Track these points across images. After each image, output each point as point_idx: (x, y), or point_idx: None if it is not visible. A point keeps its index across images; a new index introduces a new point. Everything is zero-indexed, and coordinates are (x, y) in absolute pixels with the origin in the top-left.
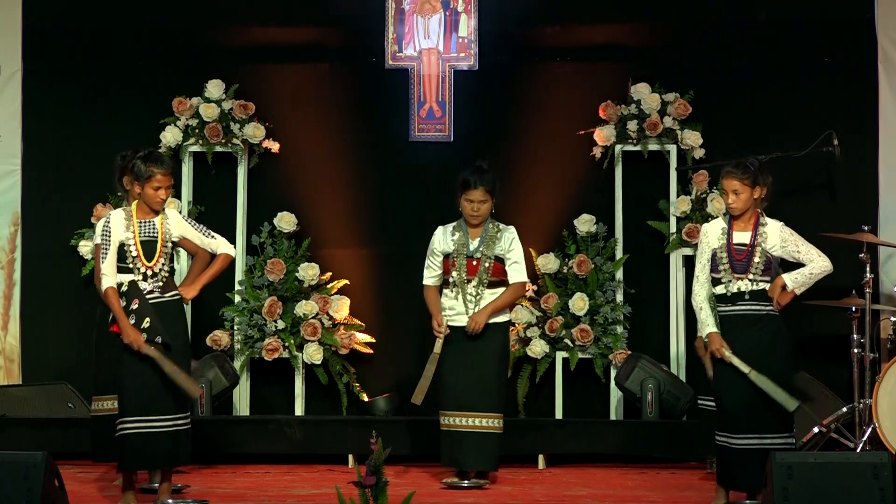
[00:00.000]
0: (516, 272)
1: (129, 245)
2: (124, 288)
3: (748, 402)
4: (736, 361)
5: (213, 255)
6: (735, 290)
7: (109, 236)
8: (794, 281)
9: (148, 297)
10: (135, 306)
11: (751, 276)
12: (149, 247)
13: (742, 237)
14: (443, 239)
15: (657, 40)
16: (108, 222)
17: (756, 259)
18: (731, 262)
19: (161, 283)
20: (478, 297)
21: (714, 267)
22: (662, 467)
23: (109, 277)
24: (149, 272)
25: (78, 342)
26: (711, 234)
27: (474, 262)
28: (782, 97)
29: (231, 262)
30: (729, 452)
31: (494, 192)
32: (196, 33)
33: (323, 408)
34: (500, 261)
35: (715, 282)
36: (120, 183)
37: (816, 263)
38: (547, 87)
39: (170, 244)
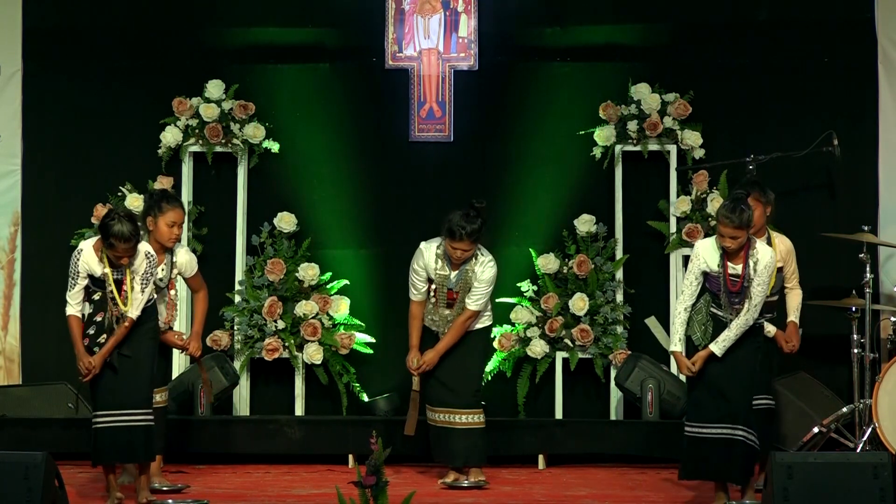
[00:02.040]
0: (471, 300)
1: (109, 286)
2: (96, 297)
3: (717, 391)
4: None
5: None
6: (729, 312)
7: (78, 269)
8: (721, 348)
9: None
10: (99, 319)
11: (744, 305)
12: (116, 286)
13: (735, 269)
14: (426, 262)
15: (657, 40)
16: (80, 256)
17: (747, 291)
18: (727, 294)
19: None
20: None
21: (712, 285)
22: (662, 467)
23: (72, 306)
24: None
25: None
26: (706, 256)
27: (454, 294)
28: (782, 97)
29: (131, 326)
30: (699, 442)
31: (480, 237)
32: (196, 33)
33: (323, 408)
34: None
35: (710, 294)
36: (143, 222)
37: (741, 319)
38: (547, 87)
39: (134, 286)
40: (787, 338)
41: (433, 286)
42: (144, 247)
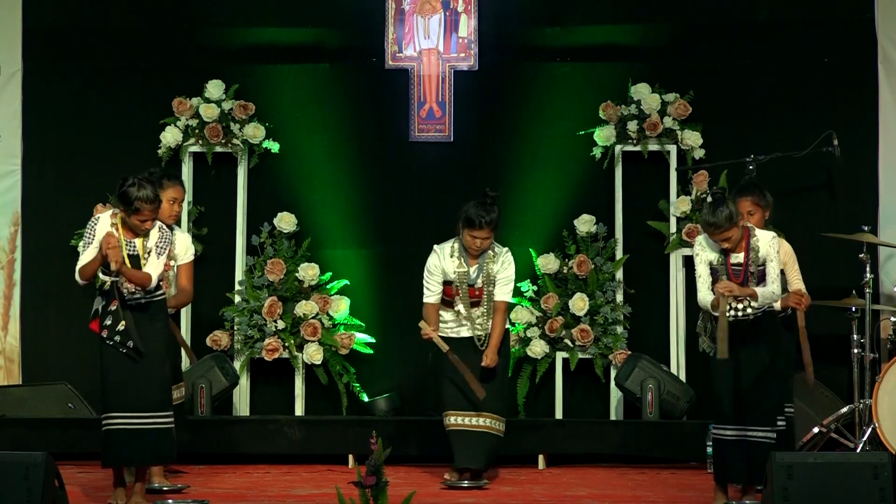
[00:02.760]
0: (501, 291)
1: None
2: (106, 286)
3: (739, 394)
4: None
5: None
6: (734, 305)
7: (94, 234)
8: (761, 294)
9: (128, 298)
10: (113, 307)
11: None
12: (132, 262)
13: (737, 257)
14: (441, 264)
15: (657, 40)
16: (96, 224)
17: (751, 280)
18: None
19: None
20: (487, 320)
21: (715, 278)
22: (662, 467)
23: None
24: (130, 286)
25: (78, 342)
26: (709, 248)
27: (477, 291)
28: (782, 97)
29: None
30: (723, 445)
31: (498, 226)
32: (196, 33)
33: (323, 408)
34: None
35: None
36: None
37: (770, 287)
38: (547, 87)
39: (150, 256)
40: (796, 297)
41: (455, 288)
42: (177, 232)
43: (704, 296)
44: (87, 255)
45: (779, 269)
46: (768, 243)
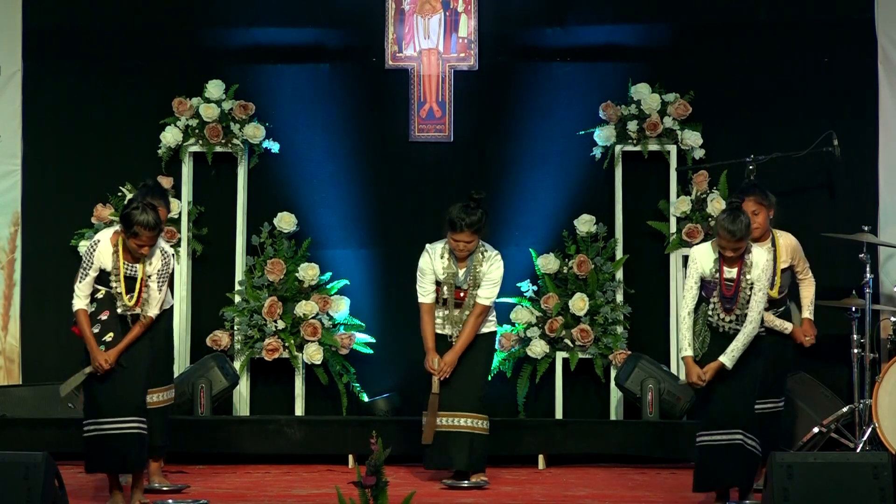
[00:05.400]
0: (482, 295)
1: (115, 281)
2: (100, 295)
3: (718, 397)
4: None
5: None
6: (724, 318)
7: (92, 261)
8: (731, 359)
9: (119, 309)
10: (104, 317)
11: (737, 310)
12: (130, 284)
13: (730, 272)
14: (431, 263)
15: (657, 40)
16: (95, 248)
17: (741, 295)
18: (721, 298)
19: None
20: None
21: (707, 290)
22: (662, 467)
23: (81, 299)
24: (129, 311)
25: (78, 342)
26: (702, 261)
27: (462, 294)
28: (782, 97)
29: (150, 324)
30: (712, 451)
31: (481, 228)
32: (196, 33)
33: (323, 408)
34: None
35: (704, 299)
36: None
37: (747, 328)
38: (547, 87)
39: (150, 284)
40: (805, 332)
41: (443, 287)
42: (160, 244)
43: (686, 318)
44: (84, 288)
45: (763, 301)
46: (761, 267)
